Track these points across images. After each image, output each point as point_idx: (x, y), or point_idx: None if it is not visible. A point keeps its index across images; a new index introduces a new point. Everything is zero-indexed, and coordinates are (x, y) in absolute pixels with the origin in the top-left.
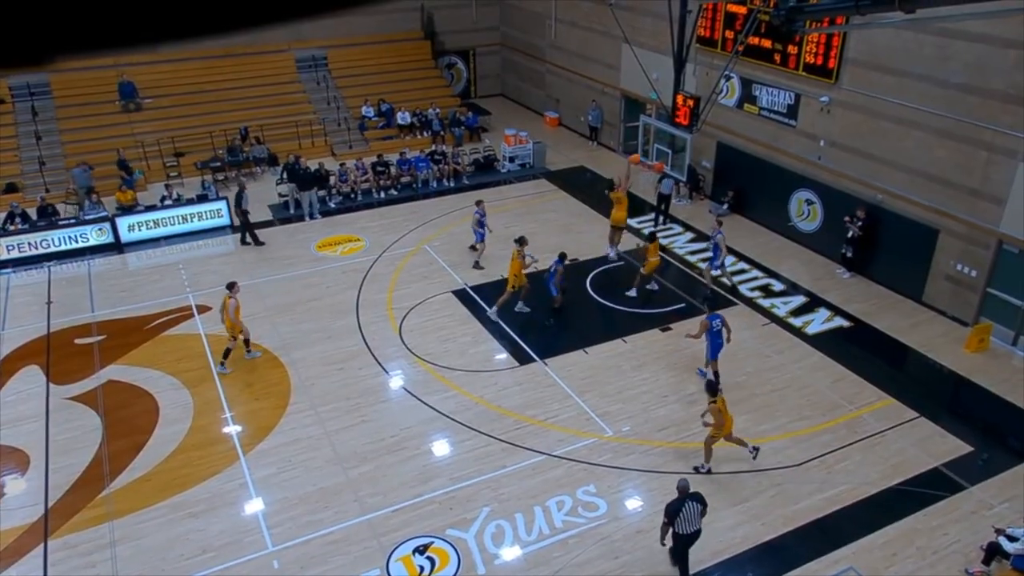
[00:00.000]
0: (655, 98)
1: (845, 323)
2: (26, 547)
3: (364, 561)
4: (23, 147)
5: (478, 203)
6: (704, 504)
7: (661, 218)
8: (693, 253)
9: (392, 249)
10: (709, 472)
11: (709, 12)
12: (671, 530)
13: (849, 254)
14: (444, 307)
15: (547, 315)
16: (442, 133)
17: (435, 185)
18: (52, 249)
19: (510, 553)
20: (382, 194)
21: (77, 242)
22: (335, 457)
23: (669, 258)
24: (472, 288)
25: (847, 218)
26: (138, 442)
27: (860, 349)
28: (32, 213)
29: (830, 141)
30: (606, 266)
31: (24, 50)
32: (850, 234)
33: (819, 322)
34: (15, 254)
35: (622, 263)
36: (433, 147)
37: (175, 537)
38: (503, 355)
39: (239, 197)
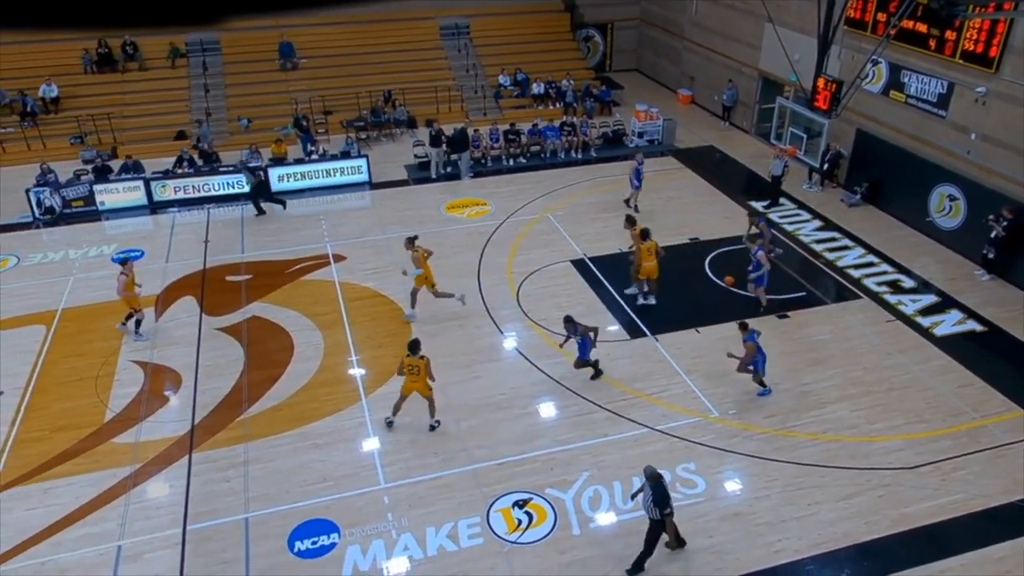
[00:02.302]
0: (795, 80)
1: (978, 327)
2: (174, 457)
3: (466, 507)
4: (193, 98)
5: (636, 154)
6: (660, 495)
7: (772, 200)
8: (819, 242)
9: (517, 215)
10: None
11: None
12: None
13: (991, 255)
14: (562, 275)
15: (664, 290)
16: (574, 105)
17: (563, 156)
18: (212, 193)
19: (605, 519)
20: (511, 161)
21: (233, 188)
22: (447, 408)
23: (793, 245)
24: (591, 259)
25: (991, 217)
26: (273, 375)
27: (992, 356)
28: (198, 159)
29: (982, 135)
30: (725, 248)
31: (200, 10)
32: (993, 234)
33: (949, 324)
34: (180, 195)
35: (744, 246)
36: (564, 118)
37: (300, 464)
38: (615, 327)
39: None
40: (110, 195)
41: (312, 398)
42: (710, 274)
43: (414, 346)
